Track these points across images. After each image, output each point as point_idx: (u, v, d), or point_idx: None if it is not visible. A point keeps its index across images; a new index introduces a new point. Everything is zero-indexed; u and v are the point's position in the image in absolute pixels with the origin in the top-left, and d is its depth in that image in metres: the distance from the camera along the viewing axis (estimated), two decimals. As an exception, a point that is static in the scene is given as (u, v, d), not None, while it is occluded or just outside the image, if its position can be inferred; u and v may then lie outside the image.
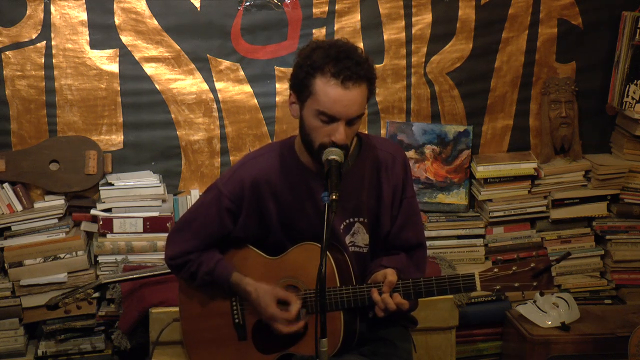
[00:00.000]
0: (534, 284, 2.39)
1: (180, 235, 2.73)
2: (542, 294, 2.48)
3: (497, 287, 2.41)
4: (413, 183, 2.75)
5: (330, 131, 2.45)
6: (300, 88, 2.49)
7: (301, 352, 2.59)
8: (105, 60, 3.88)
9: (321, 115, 2.45)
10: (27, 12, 3.80)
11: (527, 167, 4.02)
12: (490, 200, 4.01)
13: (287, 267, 2.64)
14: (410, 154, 4.02)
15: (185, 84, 3.94)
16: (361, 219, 2.65)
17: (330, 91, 2.42)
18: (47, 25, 3.81)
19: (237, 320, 2.71)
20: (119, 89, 3.91)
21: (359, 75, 2.43)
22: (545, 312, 3.66)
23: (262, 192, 2.63)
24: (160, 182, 3.87)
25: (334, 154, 2.43)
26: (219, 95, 3.96)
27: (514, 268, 2.40)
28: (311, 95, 2.46)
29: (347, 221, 2.64)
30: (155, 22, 3.87)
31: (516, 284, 2.40)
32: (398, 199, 2.67)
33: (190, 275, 2.72)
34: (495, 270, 2.41)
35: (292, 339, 2.61)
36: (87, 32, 3.84)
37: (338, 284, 2.54)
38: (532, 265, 2.39)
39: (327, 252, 2.47)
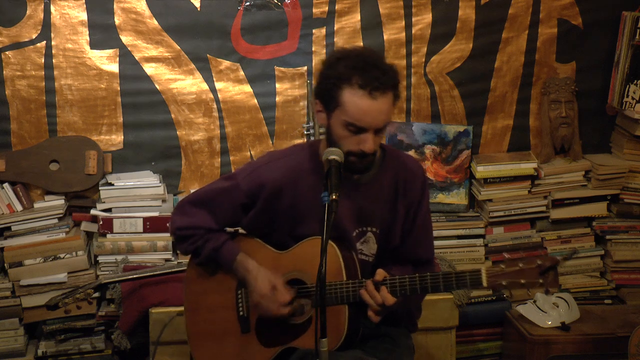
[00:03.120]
0: (540, 281, 2.39)
1: (193, 210, 2.72)
2: (547, 292, 2.47)
3: (504, 283, 2.41)
4: (429, 200, 2.75)
5: (358, 141, 2.46)
6: (327, 98, 2.48)
7: (303, 346, 2.58)
8: (105, 60, 3.88)
9: (350, 126, 2.45)
10: (27, 12, 3.80)
11: (527, 167, 4.02)
12: (490, 200, 4.01)
13: (295, 261, 2.64)
14: (410, 154, 4.02)
15: (185, 84, 3.94)
16: (373, 229, 2.65)
17: (358, 103, 2.42)
18: (47, 25, 3.82)
19: (241, 313, 2.71)
20: (119, 89, 3.91)
21: (386, 85, 2.44)
22: (545, 312, 3.67)
23: (279, 194, 2.63)
24: (160, 182, 3.88)
25: (334, 154, 2.44)
26: (219, 95, 3.96)
27: (520, 265, 2.40)
28: (339, 107, 2.45)
29: (361, 229, 2.64)
30: (155, 22, 3.87)
31: (522, 281, 2.40)
32: (412, 215, 2.68)
33: (195, 249, 2.72)
34: (502, 266, 2.41)
35: (294, 332, 2.61)
36: (87, 32, 3.84)
37: (345, 279, 2.54)
38: (538, 262, 2.39)
39: (336, 247, 2.51)
